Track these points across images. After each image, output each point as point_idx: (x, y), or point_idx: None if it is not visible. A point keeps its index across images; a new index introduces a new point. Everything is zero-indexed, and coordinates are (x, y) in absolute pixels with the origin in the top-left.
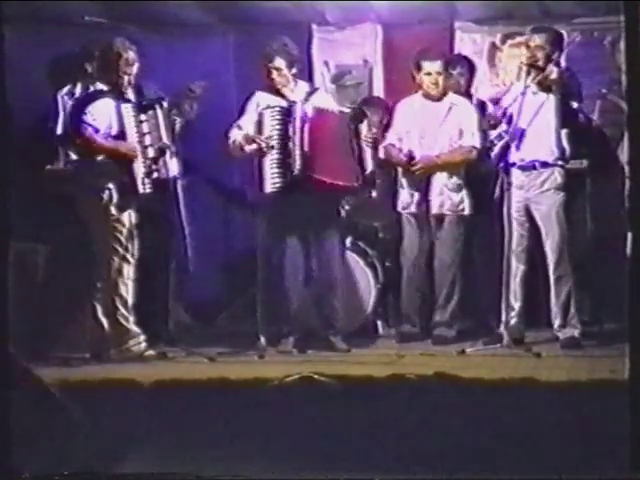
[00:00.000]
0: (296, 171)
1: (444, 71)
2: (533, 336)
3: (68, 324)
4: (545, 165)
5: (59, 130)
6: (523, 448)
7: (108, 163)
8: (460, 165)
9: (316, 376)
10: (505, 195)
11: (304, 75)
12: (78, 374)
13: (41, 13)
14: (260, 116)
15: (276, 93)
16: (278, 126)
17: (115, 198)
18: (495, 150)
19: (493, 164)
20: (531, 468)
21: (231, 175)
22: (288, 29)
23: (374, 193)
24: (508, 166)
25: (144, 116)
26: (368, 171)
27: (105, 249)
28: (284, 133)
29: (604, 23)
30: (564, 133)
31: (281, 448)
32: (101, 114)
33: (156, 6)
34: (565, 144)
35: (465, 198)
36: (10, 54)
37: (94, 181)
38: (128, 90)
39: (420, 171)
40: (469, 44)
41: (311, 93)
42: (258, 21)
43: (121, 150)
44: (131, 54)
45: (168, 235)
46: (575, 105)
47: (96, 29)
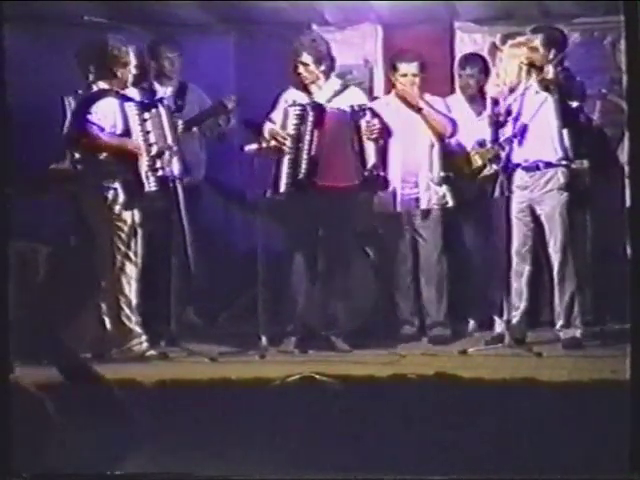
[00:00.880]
0: (301, 175)
1: (420, 73)
2: (534, 336)
3: (69, 324)
4: (548, 165)
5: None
6: (523, 448)
7: (113, 162)
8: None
9: (317, 376)
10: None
11: None
12: None
13: (41, 13)
14: (285, 112)
15: (303, 89)
16: (295, 126)
17: (120, 197)
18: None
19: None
20: (531, 468)
21: (231, 175)
22: (288, 29)
23: (377, 190)
24: (512, 167)
25: (147, 114)
26: (370, 164)
27: (109, 248)
28: (299, 134)
29: (604, 23)
30: (566, 131)
31: (282, 448)
32: (105, 113)
33: (156, 6)
34: (567, 143)
35: (447, 191)
36: (10, 54)
37: (99, 180)
38: (130, 88)
39: None
40: (469, 44)
41: (341, 90)
42: (258, 21)
43: (128, 147)
44: (125, 50)
45: (169, 234)
46: (576, 105)
47: (96, 29)
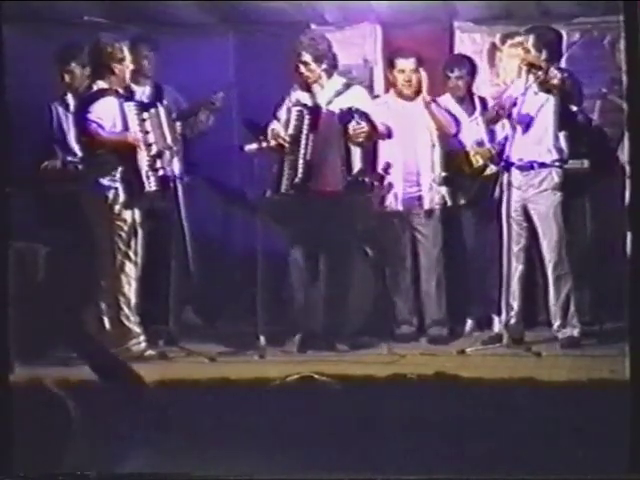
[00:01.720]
0: (297, 180)
1: (417, 69)
2: (533, 336)
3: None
4: (543, 166)
5: (61, 130)
6: (523, 448)
7: (113, 162)
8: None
9: (316, 376)
10: (504, 195)
11: None
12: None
13: (41, 13)
14: (289, 111)
15: (306, 89)
16: (296, 127)
17: (121, 197)
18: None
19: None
20: (531, 468)
21: (231, 175)
22: (288, 29)
23: (368, 194)
24: (509, 165)
25: (146, 114)
26: (355, 170)
27: (109, 248)
28: (298, 136)
29: (603, 23)
30: (562, 134)
31: (281, 448)
32: (105, 113)
33: (156, 6)
34: (563, 145)
35: (446, 191)
36: (10, 54)
37: (99, 180)
38: (128, 87)
39: None
40: (469, 44)
41: (344, 89)
42: (258, 21)
43: (128, 140)
44: (119, 47)
45: (169, 234)
46: (575, 108)
47: (96, 29)
